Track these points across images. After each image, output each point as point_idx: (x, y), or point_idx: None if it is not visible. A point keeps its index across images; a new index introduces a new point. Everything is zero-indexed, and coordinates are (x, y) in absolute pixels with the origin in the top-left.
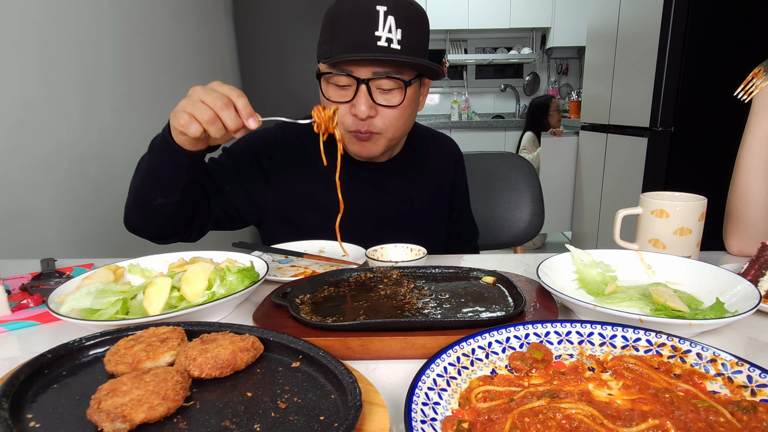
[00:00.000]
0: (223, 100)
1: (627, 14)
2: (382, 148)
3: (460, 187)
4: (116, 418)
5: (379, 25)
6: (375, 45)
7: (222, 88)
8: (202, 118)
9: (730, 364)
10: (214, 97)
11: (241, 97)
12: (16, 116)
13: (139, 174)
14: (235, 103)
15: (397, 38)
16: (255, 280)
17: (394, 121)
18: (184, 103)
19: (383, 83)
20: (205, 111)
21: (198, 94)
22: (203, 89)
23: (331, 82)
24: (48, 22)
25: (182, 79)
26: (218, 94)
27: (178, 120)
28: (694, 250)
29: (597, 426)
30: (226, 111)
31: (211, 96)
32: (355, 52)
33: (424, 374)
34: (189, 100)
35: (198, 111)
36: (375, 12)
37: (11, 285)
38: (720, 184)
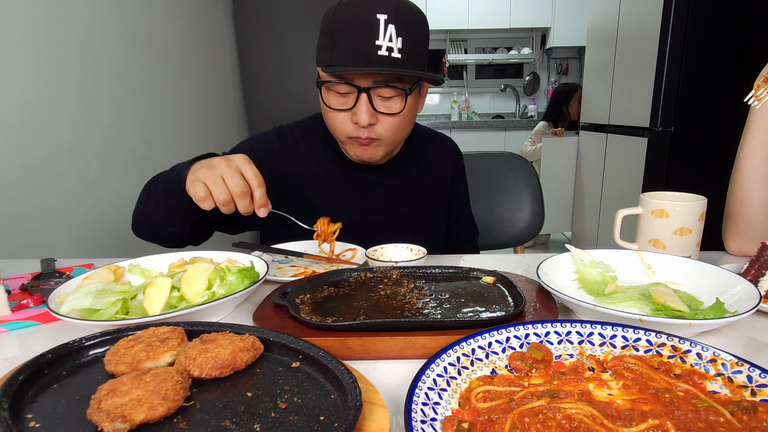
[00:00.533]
0: (243, 188)
1: (627, 14)
2: (383, 153)
3: (460, 188)
4: (116, 418)
5: (379, 34)
6: (375, 54)
7: (247, 171)
8: (217, 197)
9: (730, 364)
10: (235, 183)
11: (260, 187)
12: (16, 116)
13: (153, 200)
14: (253, 192)
15: (397, 47)
16: (255, 280)
17: (395, 127)
18: (206, 173)
19: (384, 91)
20: (223, 193)
21: (221, 170)
22: (228, 166)
23: (332, 89)
24: (48, 22)
25: (182, 79)
26: (240, 181)
27: (196, 191)
28: (694, 250)
29: (597, 426)
30: (242, 199)
31: (233, 180)
32: (356, 63)
33: (424, 374)
34: (211, 172)
35: (216, 190)
36: (375, 21)
37: (11, 285)
38: (720, 184)
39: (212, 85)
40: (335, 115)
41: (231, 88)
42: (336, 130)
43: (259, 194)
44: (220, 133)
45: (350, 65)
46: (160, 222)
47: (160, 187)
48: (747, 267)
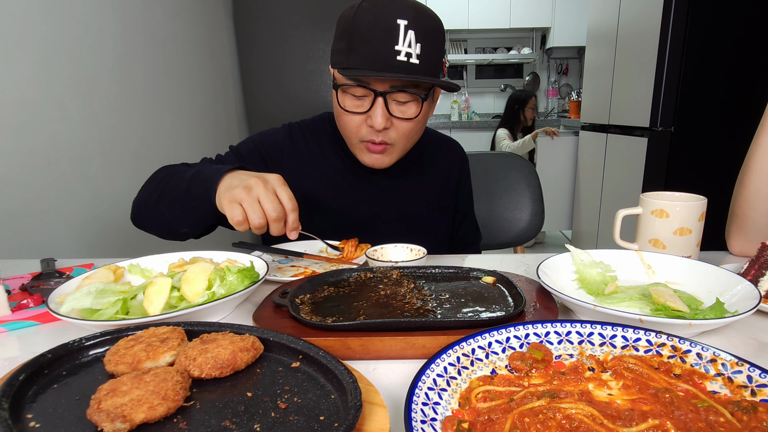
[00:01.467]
0: (279, 212)
1: (627, 14)
2: (394, 159)
3: (465, 191)
4: (116, 418)
5: (399, 40)
6: (395, 60)
7: (282, 195)
8: (252, 222)
9: (730, 364)
10: (272, 208)
11: (294, 211)
12: (16, 116)
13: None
14: (287, 216)
15: (416, 53)
16: (255, 280)
17: (408, 132)
18: (243, 195)
19: (400, 96)
20: (260, 218)
21: (258, 192)
22: (265, 189)
23: (348, 92)
24: (48, 22)
25: (182, 79)
26: (276, 205)
27: (232, 214)
28: (694, 250)
29: (597, 426)
30: (276, 223)
31: (270, 205)
32: (375, 67)
33: (424, 374)
34: (247, 194)
35: (253, 215)
36: (396, 26)
37: (11, 285)
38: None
39: (212, 85)
40: (350, 118)
41: (231, 88)
42: (349, 132)
43: (292, 218)
44: (220, 133)
45: (369, 69)
46: (175, 222)
47: (182, 189)
48: (747, 267)
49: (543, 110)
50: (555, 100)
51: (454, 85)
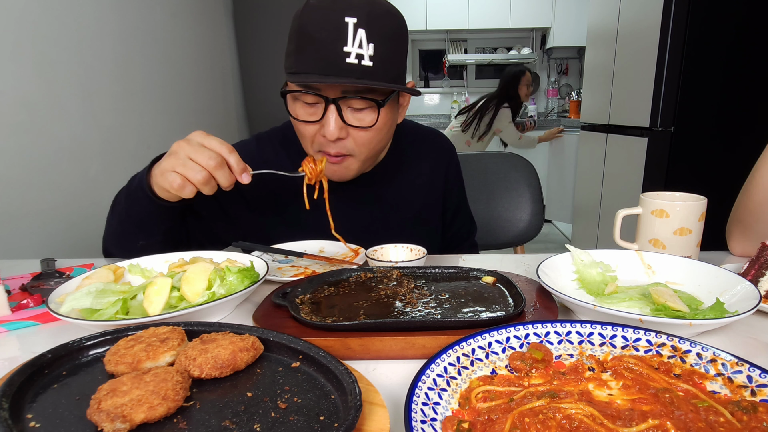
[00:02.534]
0: (216, 159)
1: (627, 14)
2: (354, 171)
3: (454, 186)
4: (116, 418)
5: (348, 40)
6: (344, 62)
7: (211, 143)
8: (195, 179)
9: (730, 364)
10: (207, 156)
11: (232, 153)
12: (16, 116)
13: (117, 215)
14: (227, 159)
15: (368, 54)
16: (255, 280)
17: (367, 142)
18: (172, 162)
19: (355, 102)
20: (199, 172)
21: (185, 152)
22: (189, 145)
23: (299, 99)
24: (47, 22)
25: (182, 79)
26: (210, 153)
27: (170, 182)
28: (694, 250)
29: (597, 426)
30: (220, 171)
31: (203, 155)
32: (322, 71)
33: (424, 374)
34: (176, 158)
35: (191, 172)
36: (344, 24)
37: (11, 285)
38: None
39: (212, 85)
40: (303, 127)
41: (231, 88)
42: (305, 143)
43: (234, 159)
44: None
45: (316, 74)
46: (129, 237)
47: (123, 201)
48: (747, 267)
49: (543, 110)
50: (555, 100)
51: (414, 91)
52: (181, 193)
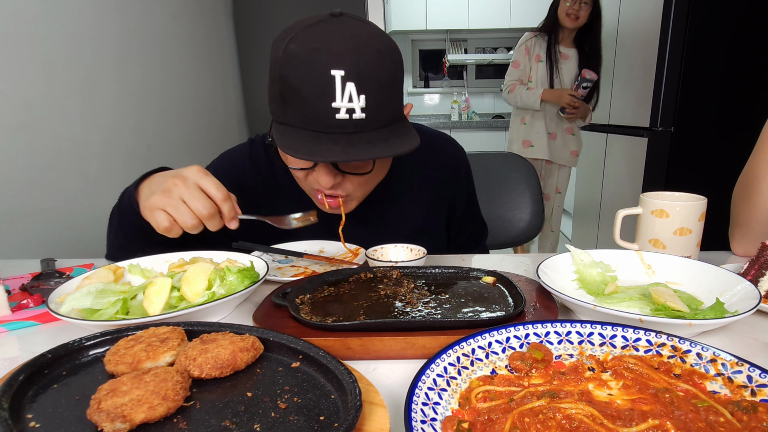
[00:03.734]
0: (210, 209)
1: (627, 14)
2: (353, 207)
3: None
4: (116, 418)
5: (336, 95)
6: (333, 120)
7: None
8: (184, 224)
9: (730, 364)
10: (201, 205)
11: (226, 200)
12: (16, 116)
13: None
14: (221, 208)
15: (360, 106)
16: (255, 280)
17: (365, 184)
18: (163, 200)
19: None
20: (191, 219)
21: (179, 193)
22: (185, 186)
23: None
24: (47, 22)
25: (182, 79)
26: (205, 201)
27: (157, 222)
28: (694, 250)
29: (597, 426)
30: (212, 220)
31: (198, 202)
32: (311, 128)
33: (424, 374)
34: (168, 198)
35: (181, 217)
36: (330, 79)
37: (11, 285)
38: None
39: (212, 85)
40: (296, 174)
41: (231, 88)
42: (298, 182)
43: (227, 208)
44: (220, 133)
45: (305, 129)
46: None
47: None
48: (747, 267)
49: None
50: None
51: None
52: (167, 234)
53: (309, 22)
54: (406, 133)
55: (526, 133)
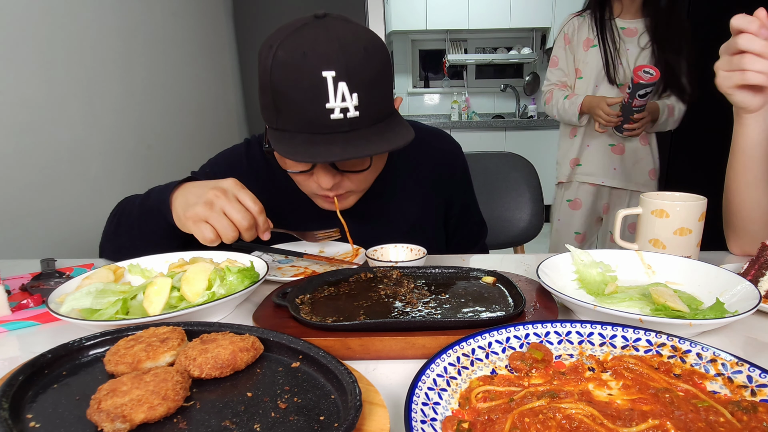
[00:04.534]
0: (249, 220)
1: None
2: (354, 202)
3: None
4: (116, 418)
5: (329, 96)
6: (328, 120)
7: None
8: (225, 237)
9: (730, 364)
10: (241, 217)
11: (261, 213)
12: (16, 116)
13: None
14: (257, 219)
15: (353, 104)
16: (255, 280)
17: (363, 181)
18: (206, 212)
19: None
20: (232, 231)
21: (221, 204)
22: (226, 199)
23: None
24: (48, 23)
25: (182, 79)
26: (245, 214)
27: (204, 235)
28: (694, 250)
29: (597, 426)
30: (249, 232)
31: (238, 214)
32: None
33: (424, 374)
34: (211, 210)
35: (224, 230)
36: (321, 80)
37: (11, 285)
38: (720, 184)
39: (212, 85)
40: (295, 177)
41: (231, 88)
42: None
43: (261, 221)
44: (220, 133)
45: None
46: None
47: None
48: (747, 267)
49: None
50: None
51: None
52: (209, 244)
53: (294, 27)
54: (401, 127)
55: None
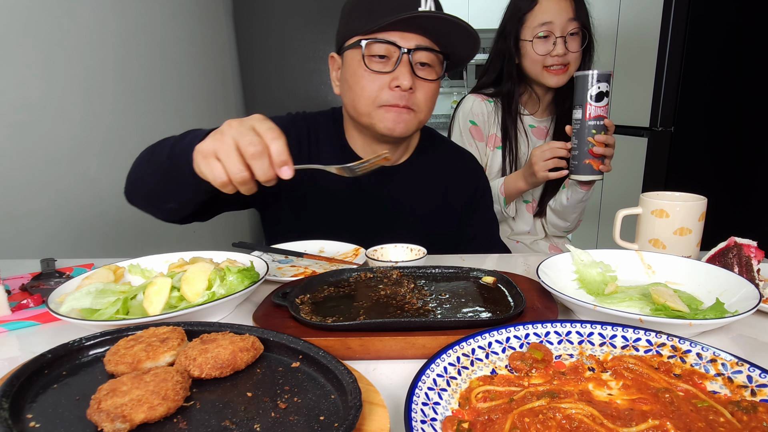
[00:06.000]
0: (257, 146)
1: (627, 14)
2: (415, 126)
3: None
4: (116, 418)
5: (421, 1)
6: (418, 6)
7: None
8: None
9: (730, 364)
10: (248, 141)
11: (276, 139)
12: (16, 116)
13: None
14: (270, 146)
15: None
16: (255, 280)
17: (430, 98)
18: (215, 143)
19: (423, 56)
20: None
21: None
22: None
23: (370, 53)
24: (48, 23)
25: (182, 79)
26: (253, 138)
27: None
28: (694, 250)
29: (597, 426)
30: (258, 161)
31: (245, 138)
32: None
33: (424, 374)
34: (221, 141)
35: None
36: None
37: (11, 285)
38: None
39: (212, 85)
40: (371, 81)
41: (231, 88)
42: (367, 98)
43: (276, 148)
44: None
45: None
46: (161, 196)
47: (165, 157)
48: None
49: None
50: None
51: (475, 38)
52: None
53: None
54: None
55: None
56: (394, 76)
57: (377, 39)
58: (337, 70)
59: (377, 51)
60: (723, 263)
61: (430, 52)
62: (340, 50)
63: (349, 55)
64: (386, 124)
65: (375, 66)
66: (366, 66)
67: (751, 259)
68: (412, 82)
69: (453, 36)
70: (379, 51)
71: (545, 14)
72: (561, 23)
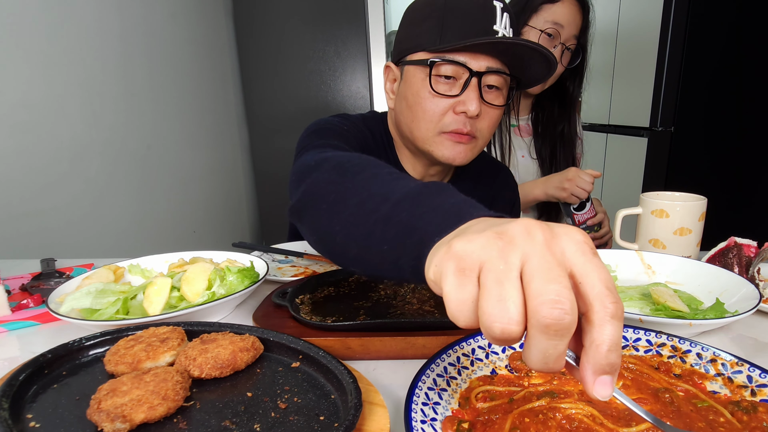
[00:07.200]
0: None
1: (627, 14)
2: (474, 156)
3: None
4: (116, 418)
5: (497, 20)
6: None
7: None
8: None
9: (730, 364)
10: (554, 294)
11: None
12: (16, 116)
13: (345, 220)
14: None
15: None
16: (255, 280)
17: (494, 124)
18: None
19: (492, 79)
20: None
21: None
22: (544, 247)
23: (437, 72)
24: (48, 23)
25: (182, 80)
26: (562, 290)
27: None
28: (694, 250)
29: (597, 426)
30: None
31: (552, 287)
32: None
33: (424, 374)
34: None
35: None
36: (493, 6)
37: (11, 285)
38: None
39: (212, 85)
40: (435, 103)
41: (231, 88)
42: (429, 122)
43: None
44: (221, 133)
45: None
46: (349, 257)
47: (374, 221)
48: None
49: None
50: None
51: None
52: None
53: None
54: None
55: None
56: (460, 101)
57: (446, 59)
58: (392, 82)
59: (444, 72)
60: (723, 263)
61: (501, 75)
62: (399, 61)
63: (411, 71)
64: (445, 153)
65: (441, 88)
66: (431, 87)
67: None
68: (480, 107)
69: (527, 59)
70: (446, 72)
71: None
72: (568, 33)
